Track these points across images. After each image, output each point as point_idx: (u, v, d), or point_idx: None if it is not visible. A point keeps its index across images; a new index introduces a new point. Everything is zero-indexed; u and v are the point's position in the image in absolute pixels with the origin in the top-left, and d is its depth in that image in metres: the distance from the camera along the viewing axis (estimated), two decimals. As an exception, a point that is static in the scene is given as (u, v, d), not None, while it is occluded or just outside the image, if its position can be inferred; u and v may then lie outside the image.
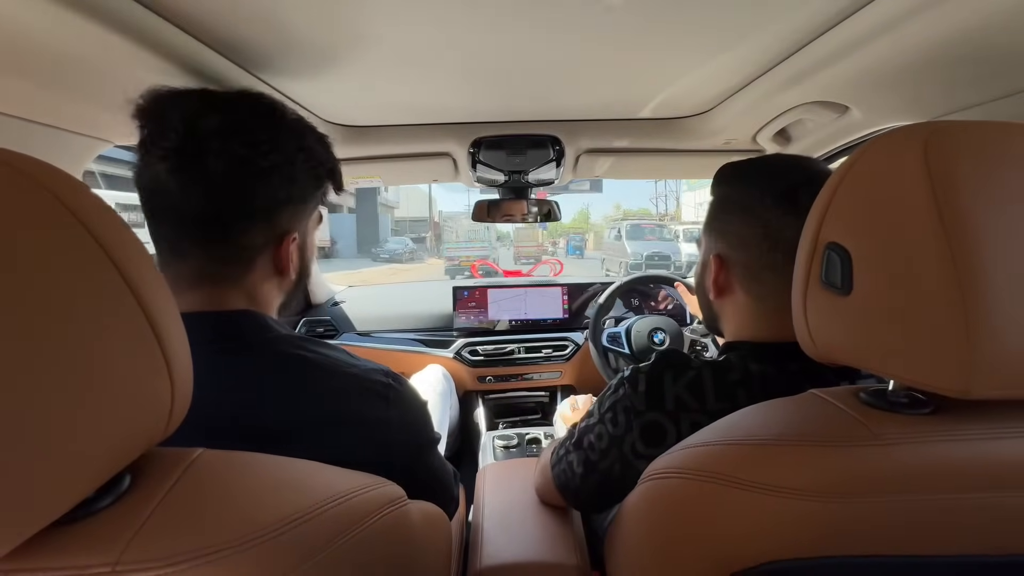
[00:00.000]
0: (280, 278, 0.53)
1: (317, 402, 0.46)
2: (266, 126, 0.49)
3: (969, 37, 0.51)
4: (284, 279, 0.53)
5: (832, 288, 0.37)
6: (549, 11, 0.52)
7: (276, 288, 0.54)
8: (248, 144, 0.47)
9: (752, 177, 0.56)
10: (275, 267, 0.52)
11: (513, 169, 1.10)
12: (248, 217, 0.48)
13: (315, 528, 0.31)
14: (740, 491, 0.34)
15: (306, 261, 0.56)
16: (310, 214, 0.55)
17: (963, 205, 0.30)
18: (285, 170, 0.49)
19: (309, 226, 0.56)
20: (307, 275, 0.57)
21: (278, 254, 0.51)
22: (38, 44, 0.45)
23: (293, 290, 0.56)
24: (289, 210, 0.51)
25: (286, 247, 0.51)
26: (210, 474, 0.30)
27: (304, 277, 0.57)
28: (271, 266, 0.51)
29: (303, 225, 0.54)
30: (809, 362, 0.44)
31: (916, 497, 0.31)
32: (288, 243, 0.51)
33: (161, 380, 0.28)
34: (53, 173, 0.25)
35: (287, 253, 0.51)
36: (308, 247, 0.56)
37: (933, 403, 0.36)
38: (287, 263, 0.52)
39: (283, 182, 0.50)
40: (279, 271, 0.52)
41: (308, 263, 0.57)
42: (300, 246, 0.54)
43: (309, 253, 0.57)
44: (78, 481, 0.25)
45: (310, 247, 0.57)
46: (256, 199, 0.48)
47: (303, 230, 0.54)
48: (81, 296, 0.25)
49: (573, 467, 0.59)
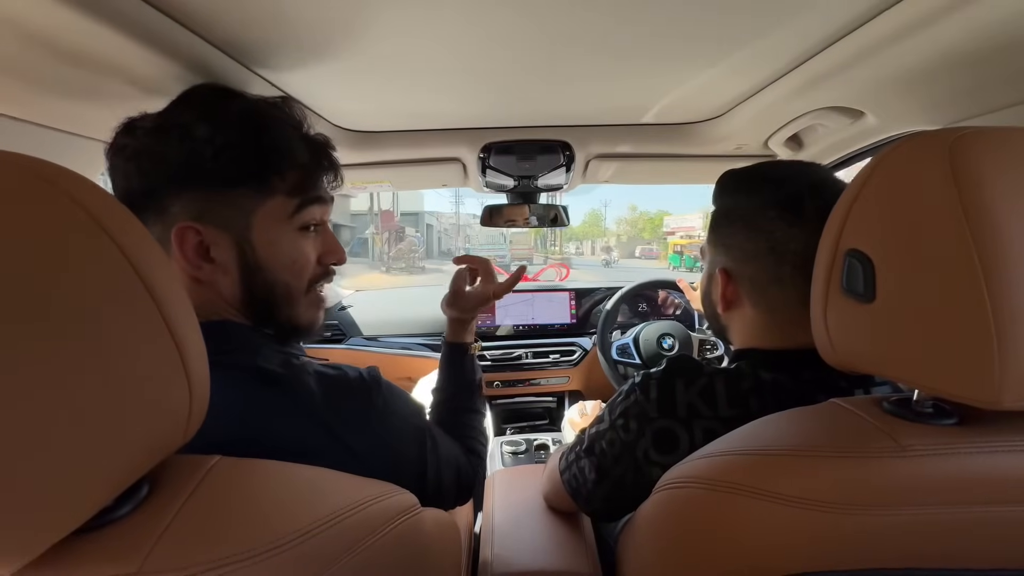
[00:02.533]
0: (205, 284, 0.47)
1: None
2: (164, 110, 0.49)
3: (988, 42, 0.50)
4: (213, 285, 0.48)
5: (854, 295, 0.36)
6: (559, 18, 0.52)
7: (217, 300, 0.48)
8: (131, 130, 0.48)
9: (752, 188, 0.55)
10: (181, 268, 0.46)
11: (523, 174, 1.10)
12: (133, 202, 0.46)
13: (332, 538, 0.31)
14: (760, 501, 0.33)
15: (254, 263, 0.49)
16: (243, 204, 0.48)
17: (991, 211, 0.30)
18: (158, 150, 0.46)
19: (254, 220, 0.48)
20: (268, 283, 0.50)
21: (174, 250, 0.46)
22: (48, 47, 0.45)
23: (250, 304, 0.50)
24: (183, 196, 0.46)
25: (176, 238, 0.45)
26: (227, 482, 0.30)
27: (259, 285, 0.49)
28: (179, 267, 0.46)
29: (228, 216, 0.47)
30: (822, 370, 0.43)
31: (944, 510, 0.31)
32: (180, 234, 0.45)
33: (180, 388, 0.28)
34: (75, 179, 0.26)
35: (180, 246, 0.46)
36: (257, 245, 0.48)
37: (958, 413, 0.35)
38: (180, 258, 0.46)
39: (154, 163, 0.46)
40: (187, 273, 0.47)
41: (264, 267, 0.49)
42: (235, 242, 0.48)
43: (260, 252, 0.49)
44: (98, 489, 0.25)
45: (261, 246, 0.49)
46: (131, 182, 0.47)
47: (236, 223, 0.48)
48: (103, 303, 0.25)
49: (585, 473, 0.59)
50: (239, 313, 0.50)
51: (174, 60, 0.52)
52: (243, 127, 0.48)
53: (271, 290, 0.50)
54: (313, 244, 0.53)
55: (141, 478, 0.28)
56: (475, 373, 0.75)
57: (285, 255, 0.50)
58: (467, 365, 0.75)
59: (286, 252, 0.50)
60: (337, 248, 0.56)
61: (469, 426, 0.69)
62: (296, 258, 0.51)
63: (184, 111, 0.49)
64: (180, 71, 0.54)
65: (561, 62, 0.65)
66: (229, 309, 0.49)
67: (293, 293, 0.52)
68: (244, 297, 0.49)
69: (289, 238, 0.51)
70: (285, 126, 0.51)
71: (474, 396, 0.73)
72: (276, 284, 0.50)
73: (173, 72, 0.54)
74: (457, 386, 0.73)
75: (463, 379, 0.74)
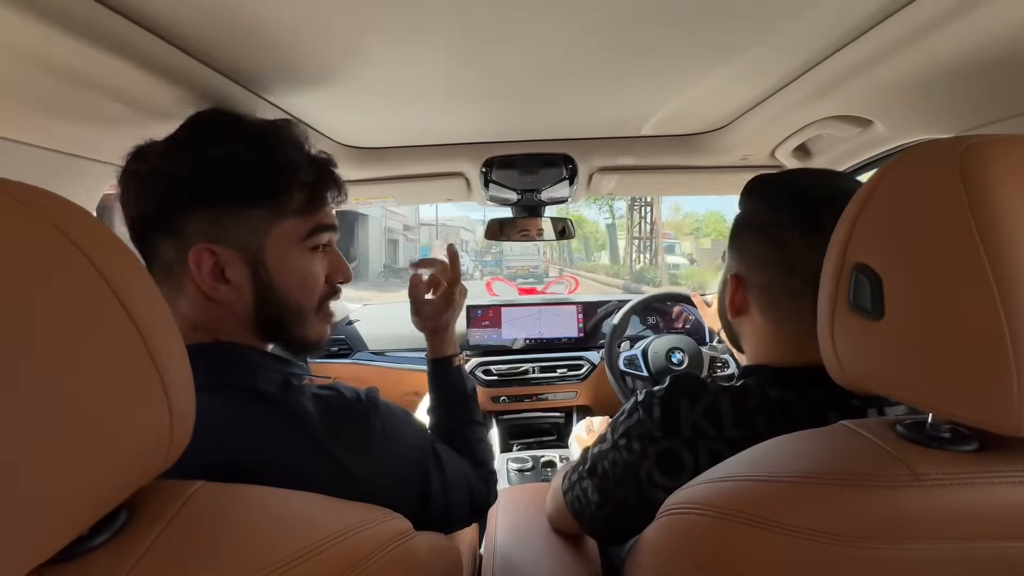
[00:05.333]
0: (219, 304, 0.48)
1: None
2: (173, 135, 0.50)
3: (999, 49, 0.49)
4: (226, 305, 0.48)
5: (861, 312, 0.35)
6: (560, 32, 0.52)
7: (229, 319, 0.49)
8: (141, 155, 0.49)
9: (770, 195, 0.54)
10: (196, 288, 0.47)
11: (526, 188, 1.10)
12: (144, 225, 0.48)
13: (317, 567, 0.29)
14: (764, 532, 0.31)
15: (267, 283, 0.49)
16: (255, 225, 0.48)
17: (1003, 224, 0.28)
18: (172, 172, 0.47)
19: (268, 241, 0.49)
20: (280, 302, 0.50)
21: (191, 271, 0.46)
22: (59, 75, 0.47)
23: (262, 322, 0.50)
24: (198, 217, 0.47)
25: (194, 260, 0.46)
26: (208, 509, 0.30)
27: (272, 304, 0.50)
28: (196, 288, 0.47)
29: (241, 236, 0.48)
30: (833, 389, 0.41)
31: (961, 545, 0.28)
32: (197, 255, 0.46)
33: (159, 410, 0.27)
34: (54, 201, 0.25)
35: (198, 268, 0.46)
36: (270, 265, 0.49)
37: (979, 438, 0.33)
38: (201, 280, 0.46)
39: (168, 185, 0.47)
40: (202, 293, 0.47)
41: (276, 287, 0.50)
42: (249, 262, 0.48)
43: (273, 272, 0.49)
44: (72, 518, 0.24)
45: (274, 265, 0.49)
46: (142, 204, 0.48)
47: (249, 244, 0.48)
48: (79, 327, 0.24)
49: (588, 494, 0.57)
50: (249, 332, 0.51)
51: (179, 86, 0.54)
52: (252, 146, 0.49)
53: (283, 309, 0.51)
54: (322, 264, 0.54)
55: (120, 505, 0.27)
56: (464, 384, 0.72)
57: (297, 275, 0.51)
58: (454, 377, 0.72)
59: (298, 273, 0.51)
60: (344, 267, 0.57)
61: (471, 440, 0.67)
62: (307, 278, 0.52)
63: (194, 133, 0.50)
64: (185, 96, 0.55)
65: (559, 78, 0.65)
66: (239, 328, 0.50)
67: (304, 312, 0.53)
68: (257, 316, 0.50)
69: (301, 259, 0.52)
70: (291, 145, 0.52)
71: (470, 408, 0.70)
72: (288, 304, 0.51)
73: (178, 97, 0.55)
74: (449, 402, 0.71)
75: (453, 393, 0.71)
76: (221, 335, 0.49)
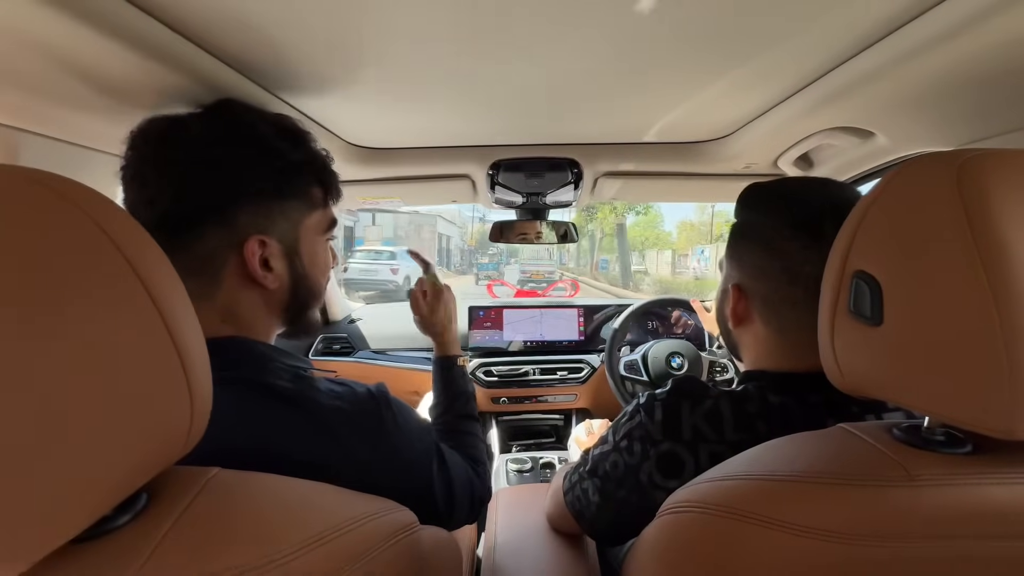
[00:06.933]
0: (258, 292, 0.49)
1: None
2: (203, 121, 0.50)
3: (998, 63, 0.50)
4: (266, 293, 0.49)
5: (861, 318, 0.36)
6: (569, 38, 0.53)
7: (261, 307, 0.50)
8: (176, 142, 0.47)
9: (771, 205, 0.54)
10: (246, 278, 0.47)
11: (531, 191, 1.11)
12: (191, 216, 0.46)
13: (327, 554, 0.30)
14: (762, 529, 0.32)
15: (301, 271, 0.52)
16: (293, 216, 0.51)
17: (1000, 235, 0.29)
18: (224, 163, 0.47)
19: (301, 232, 0.51)
20: (309, 288, 0.53)
21: (242, 261, 0.47)
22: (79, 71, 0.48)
23: (291, 308, 0.52)
24: (249, 209, 0.47)
25: (250, 251, 0.47)
26: (224, 494, 0.30)
27: (303, 291, 0.52)
28: (240, 278, 0.47)
29: (283, 227, 0.50)
30: (832, 394, 0.42)
31: (956, 544, 0.29)
32: (253, 246, 0.47)
33: (182, 402, 0.28)
34: (86, 193, 0.26)
35: (254, 258, 0.47)
36: (303, 255, 0.52)
37: (972, 441, 0.34)
38: (255, 270, 0.47)
39: (222, 176, 0.47)
40: (252, 282, 0.48)
41: (308, 274, 0.53)
42: (286, 252, 0.50)
43: (306, 261, 0.52)
44: (97, 499, 0.25)
45: (306, 255, 0.52)
46: (189, 195, 0.46)
47: (287, 234, 0.50)
48: (109, 316, 0.25)
49: (589, 495, 0.58)
50: (274, 318, 0.52)
51: (194, 81, 0.54)
52: (286, 140, 0.51)
53: (310, 296, 0.54)
54: (330, 252, 0.59)
55: (140, 488, 0.28)
56: (466, 384, 0.77)
57: (321, 262, 0.56)
58: (457, 375, 0.77)
59: (321, 260, 0.56)
60: (336, 258, 0.62)
61: (468, 433, 0.70)
62: (327, 267, 0.58)
63: (233, 123, 0.50)
64: (199, 91, 0.56)
65: (569, 83, 0.66)
66: (266, 315, 0.51)
67: (321, 296, 0.57)
68: (289, 302, 0.52)
69: (322, 247, 0.56)
70: (313, 140, 0.55)
71: (469, 403, 0.75)
72: (314, 290, 0.55)
73: (193, 92, 0.56)
74: (451, 396, 0.75)
75: (455, 389, 0.75)
76: (246, 326, 0.49)
